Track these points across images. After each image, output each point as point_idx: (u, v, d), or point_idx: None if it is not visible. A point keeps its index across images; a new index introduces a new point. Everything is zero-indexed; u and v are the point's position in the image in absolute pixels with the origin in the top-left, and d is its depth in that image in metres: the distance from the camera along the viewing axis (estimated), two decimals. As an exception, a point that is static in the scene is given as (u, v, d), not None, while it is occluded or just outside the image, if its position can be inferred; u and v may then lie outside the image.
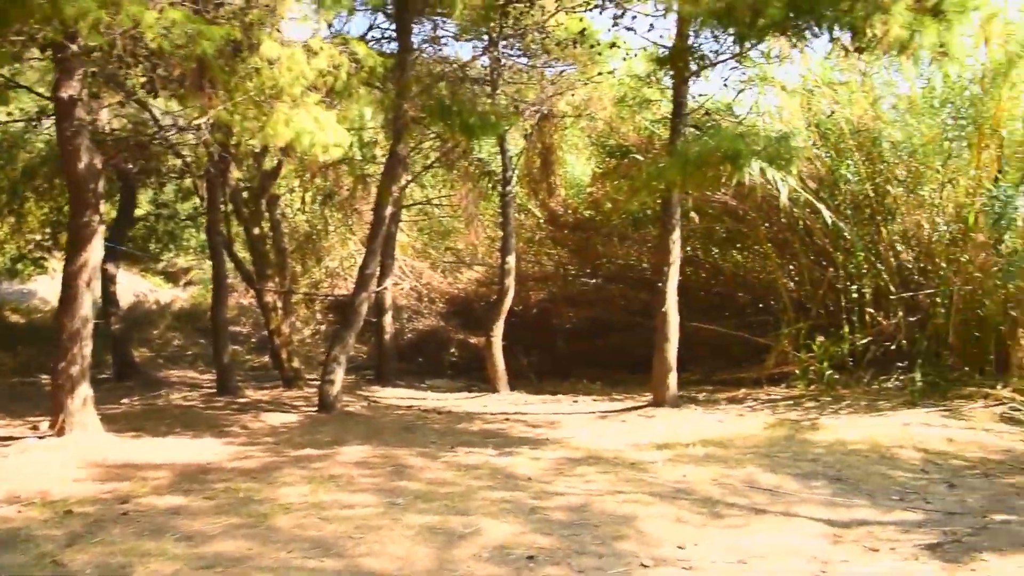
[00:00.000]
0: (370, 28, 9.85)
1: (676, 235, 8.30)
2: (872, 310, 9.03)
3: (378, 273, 10.25)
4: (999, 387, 7.85)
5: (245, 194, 10.97)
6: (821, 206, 8.51)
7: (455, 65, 9.87)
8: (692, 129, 8.65)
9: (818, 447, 6.40)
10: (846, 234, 9.06)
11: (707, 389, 9.56)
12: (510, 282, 9.93)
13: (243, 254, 11.98)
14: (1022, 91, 8.47)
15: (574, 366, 11.35)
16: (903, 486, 5.41)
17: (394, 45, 9.21)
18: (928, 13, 6.39)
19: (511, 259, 9.96)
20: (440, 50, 10.15)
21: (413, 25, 9.15)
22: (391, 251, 11.44)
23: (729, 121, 9.60)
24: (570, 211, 12.11)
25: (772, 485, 5.35)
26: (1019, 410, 7.45)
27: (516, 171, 10.91)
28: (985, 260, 8.41)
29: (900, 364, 8.70)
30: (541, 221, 12.51)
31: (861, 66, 9.29)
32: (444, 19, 9.73)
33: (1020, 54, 7.93)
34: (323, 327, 14.91)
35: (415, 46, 9.30)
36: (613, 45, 9.45)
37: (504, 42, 9.85)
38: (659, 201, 8.98)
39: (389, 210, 9.11)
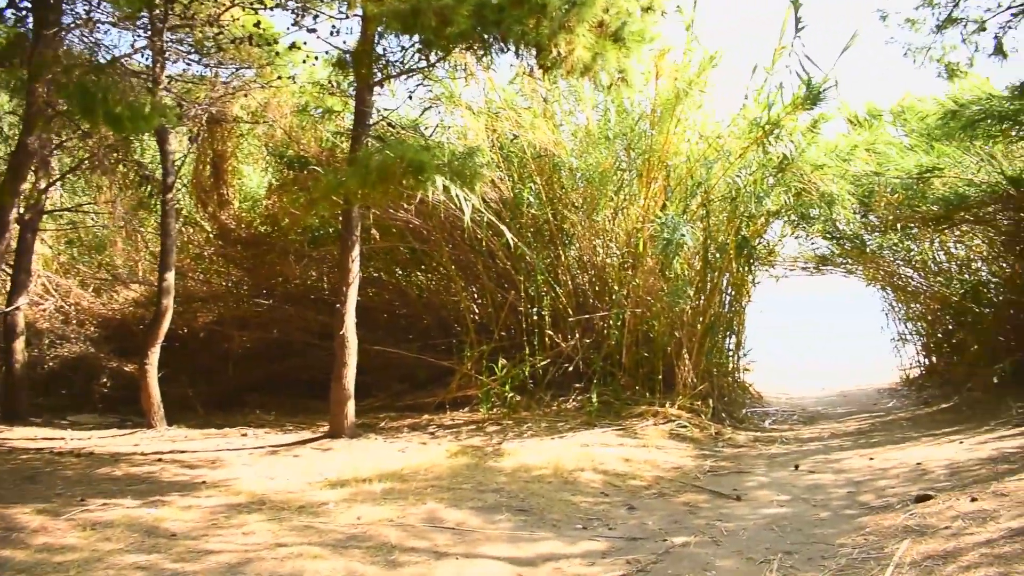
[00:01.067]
0: (9, 4, 8.30)
1: (356, 253, 7.74)
2: (551, 332, 9.10)
3: (9, 291, 8.64)
4: (667, 405, 8.21)
5: None
6: (504, 228, 8.42)
7: (109, 50, 8.58)
8: (375, 141, 8.18)
9: (502, 475, 6.12)
10: (528, 257, 9.07)
11: (390, 416, 9.05)
12: (168, 302, 8.73)
13: None
14: (687, 127, 9.02)
15: (247, 394, 10.32)
16: (586, 512, 5.25)
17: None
18: (610, 38, 6.47)
19: (170, 276, 8.76)
20: (92, 34, 8.81)
21: (64, 6, 7.81)
22: (27, 265, 9.66)
23: (414, 136, 9.28)
24: (243, 226, 11.07)
25: (455, 522, 4.92)
26: (685, 427, 7.80)
27: (180, 178, 9.72)
28: (653, 284, 8.81)
29: (578, 385, 8.84)
30: (211, 235, 11.34)
31: (543, 93, 9.42)
32: (101, 1, 8.45)
33: (687, 91, 8.40)
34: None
35: (63, 25, 7.93)
36: (293, 46, 8.76)
37: (171, 34, 8.75)
38: (339, 217, 8.41)
39: (15, 215, 7.61)
